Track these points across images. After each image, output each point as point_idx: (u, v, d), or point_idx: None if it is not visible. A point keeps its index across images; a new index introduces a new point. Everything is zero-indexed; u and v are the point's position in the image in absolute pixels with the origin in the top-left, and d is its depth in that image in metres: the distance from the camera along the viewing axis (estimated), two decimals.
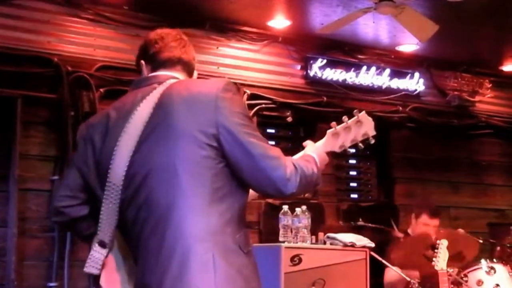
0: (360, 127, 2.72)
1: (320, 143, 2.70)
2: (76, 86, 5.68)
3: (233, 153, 2.25)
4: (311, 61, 6.86)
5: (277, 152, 2.30)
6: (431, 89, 7.68)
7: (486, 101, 8.05)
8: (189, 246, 2.18)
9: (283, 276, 4.39)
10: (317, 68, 6.85)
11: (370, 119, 2.76)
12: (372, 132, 2.74)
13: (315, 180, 2.40)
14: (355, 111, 2.75)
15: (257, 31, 6.64)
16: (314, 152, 2.54)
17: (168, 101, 2.32)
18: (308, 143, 2.65)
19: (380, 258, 5.04)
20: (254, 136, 2.27)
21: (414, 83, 7.42)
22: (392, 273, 5.24)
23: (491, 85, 8.04)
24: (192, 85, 2.41)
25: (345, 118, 2.74)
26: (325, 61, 6.89)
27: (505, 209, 8.05)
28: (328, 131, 2.73)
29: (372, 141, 2.75)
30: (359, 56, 7.19)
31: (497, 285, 5.19)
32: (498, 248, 6.26)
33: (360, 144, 2.74)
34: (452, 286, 5.02)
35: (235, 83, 2.49)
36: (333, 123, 2.74)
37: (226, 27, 6.50)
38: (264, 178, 2.25)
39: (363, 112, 2.75)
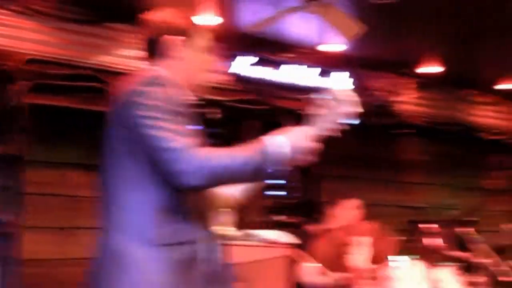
0: (343, 105, 2.54)
1: (301, 128, 2.52)
2: (1, 79, 5.57)
3: (142, 146, 2.31)
4: (239, 59, 6.88)
5: (181, 143, 2.28)
6: (356, 88, 7.81)
7: (408, 101, 8.26)
8: (106, 235, 2.33)
9: None
10: (245, 66, 6.88)
11: (352, 94, 2.55)
12: (354, 110, 2.53)
13: (250, 170, 2.35)
14: (330, 88, 2.57)
15: None
16: (278, 140, 2.41)
17: None
18: (292, 129, 2.49)
19: (303, 255, 5.10)
20: (159, 129, 2.29)
21: (340, 82, 7.53)
22: (312, 270, 5.31)
23: (413, 85, 8.25)
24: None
25: (328, 93, 2.57)
26: (253, 59, 6.93)
27: (425, 207, 8.29)
28: (308, 113, 2.56)
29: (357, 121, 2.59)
30: (288, 55, 7.25)
31: (414, 280, 5.33)
32: (417, 244, 6.42)
33: (348, 123, 2.58)
34: (370, 281, 5.13)
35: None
36: (314, 104, 2.57)
37: None
38: (167, 171, 2.28)
39: (344, 88, 2.58)
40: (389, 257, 5.50)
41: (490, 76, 8.67)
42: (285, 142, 2.41)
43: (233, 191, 2.54)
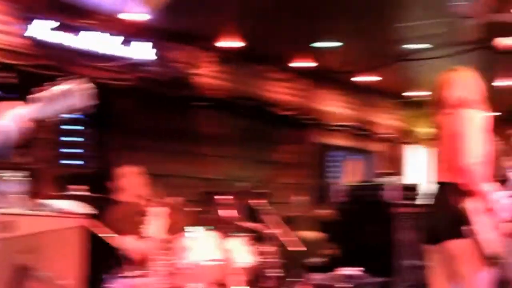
0: (73, 96, 2.57)
1: (25, 108, 2.55)
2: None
3: None
4: (38, 22, 6.56)
5: None
6: (157, 59, 7.79)
7: (206, 74, 8.39)
8: None
9: None
10: (43, 30, 6.58)
11: (86, 88, 2.59)
12: (83, 103, 2.57)
13: None
14: (69, 78, 2.63)
15: None
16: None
17: None
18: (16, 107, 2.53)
19: (99, 225, 5.06)
20: None
21: (141, 52, 7.47)
22: (126, 240, 5.26)
23: (212, 59, 8.39)
24: None
25: (58, 83, 2.60)
26: (53, 23, 6.64)
27: (219, 178, 8.50)
28: (35, 96, 2.58)
29: (91, 111, 2.67)
30: (90, 21, 7.03)
31: (206, 250, 5.48)
32: (209, 215, 6.60)
33: (74, 112, 2.61)
34: (166, 251, 5.21)
35: None
36: (43, 88, 2.59)
37: None
38: None
39: (80, 80, 2.60)
40: (184, 228, 5.62)
41: (285, 54, 9.04)
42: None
43: None
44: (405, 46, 8.49)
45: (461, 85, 4.37)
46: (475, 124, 4.19)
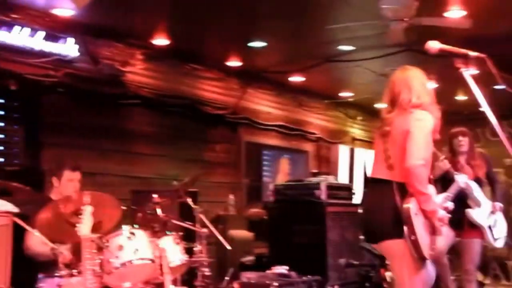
0: None
1: None
2: None
3: None
4: None
5: None
6: (85, 55, 7.63)
7: (136, 72, 8.31)
8: None
9: None
10: None
11: None
12: None
13: None
14: None
15: None
16: None
17: None
18: None
19: (24, 224, 4.93)
20: None
21: (68, 48, 7.33)
22: (36, 240, 5.16)
23: (142, 56, 8.31)
24: None
25: None
26: None
27: (149, 177, 8.42)
28: None
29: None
30: (12, 15, 6.85)
31: (137, 249, 5.40)
32: (140, 214, 6.52)
33: None
34: (95, 251, 5.11)
35: None
36: None
37: None
38: None
39: None
40: (116, 226, 5.52)
41: (217, 53, 9.03)
42: None
43: None
44: (335, 47, 8.58)
45: (413, 85, 4.41)
46: (425, 126, 4.24)
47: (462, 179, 6.02)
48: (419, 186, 4.09)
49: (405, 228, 4.09)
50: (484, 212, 6.40)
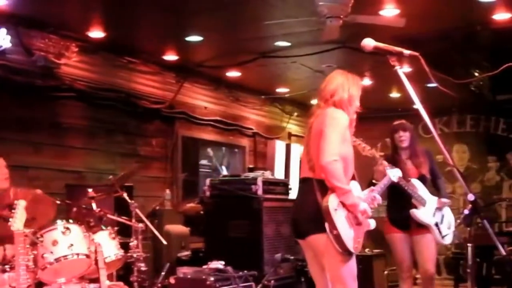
0: None
1: None
2: None
3: None
4: None
5: None
6: (17, 47, 7.47)
7: (71, 64, 8.17)
8: None
9: None
10: None
11: None
12: None
13: None
14: None
15: None
16: None
17: None
18: None
19: None
20: None
21: (0, 39, 7.16)
22: None
23: (77, 49, 8.18)
24: None
25: None
26: None
27: (83, 171, 8.32)
28: None
29: None
30: None
31: (71, 244, 5.35)
32: (75, 209, 6.45)
33: None
34: (28, 246, 5.04)
35: None
36: None
37: None
38: None
39: None
40: (50, 221, 5.45)
41: (153, 47, 8.97)
42: None
43: None
44: (271, 43, 8.64)
45: (334, 84, 4.53)
46: (338, 123, 4.33)
47: (394, 174, 5.59)
48: (335, 182, 4.19)
49: (326, 224, 4.19)
50: (430, 210, 6.28)
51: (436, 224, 6.26)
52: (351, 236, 4.25)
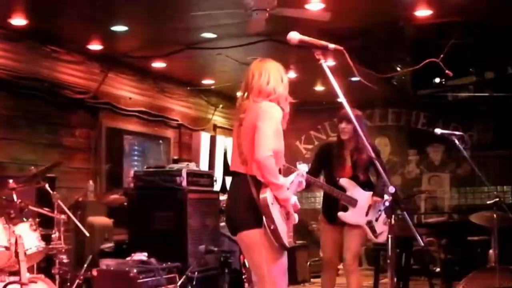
0: None
1: None
2: None
3: None
4: None
5: None
6: None
7: None
8: None
9: None
10: None
11: None
12: None
13: None
14: None
15: None
16: None
17: None
18: None
19: None
20: None
21: None
22: None
23: None
24: None
25: None
26: None
27: (4, 162, 8.13)
28: None
29: None
30: None
31: None
32: None
33: None
34: None
35: None
36: None
37: None
38: None
39: None
40: None
41: (77, 35, 8.82)
42: None
43: None
44: (197, 34, 8.63)
45: (268, 74, 4.47)
46: (272, 117, 4.31)
47: (303, 168, 4.85)
48: (270, 177, 4.19)
49: (264, 218, 4.19)
50: (361, 209, 6.18)
51: (370, 222, 6.17)
52: (285, 230, 4.28)
